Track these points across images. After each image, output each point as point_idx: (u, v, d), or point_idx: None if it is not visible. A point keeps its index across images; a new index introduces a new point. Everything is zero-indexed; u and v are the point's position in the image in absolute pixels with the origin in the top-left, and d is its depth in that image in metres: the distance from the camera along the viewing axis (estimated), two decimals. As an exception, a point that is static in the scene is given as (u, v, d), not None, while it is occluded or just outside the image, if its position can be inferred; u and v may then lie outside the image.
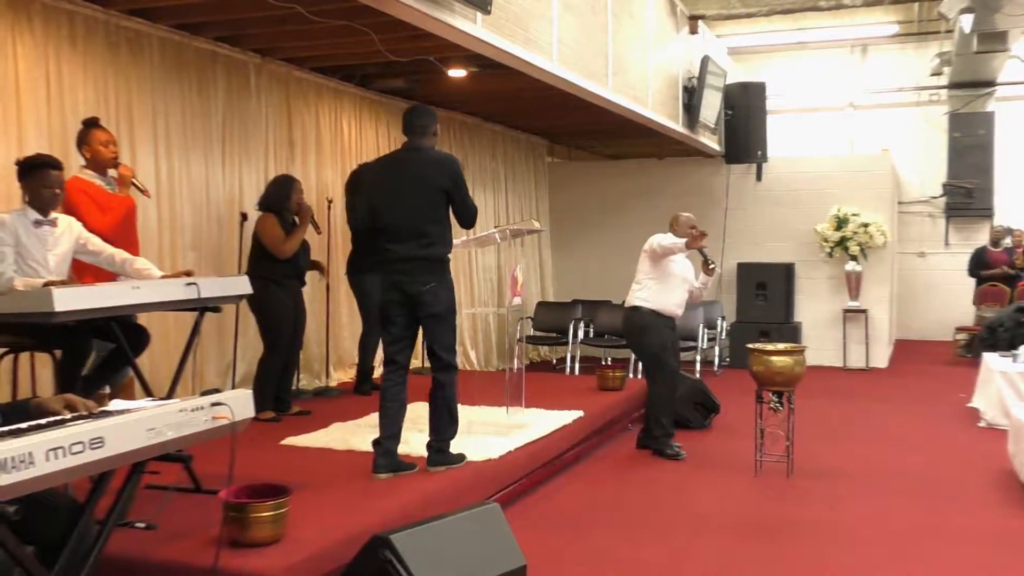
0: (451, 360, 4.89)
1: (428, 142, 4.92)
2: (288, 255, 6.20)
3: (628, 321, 6.59)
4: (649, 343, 6.47)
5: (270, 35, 6.60)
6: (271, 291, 6.04)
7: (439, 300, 4.77)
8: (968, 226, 13.80)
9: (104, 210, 4.81)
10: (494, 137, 10.68)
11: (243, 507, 3.50)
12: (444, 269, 4.85)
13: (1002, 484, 5.73)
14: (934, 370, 11.07)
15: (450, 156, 4.99)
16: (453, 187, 4.80)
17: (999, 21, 9.29)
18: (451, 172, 4.83)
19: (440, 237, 4.80)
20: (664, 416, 6.50)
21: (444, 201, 4.80)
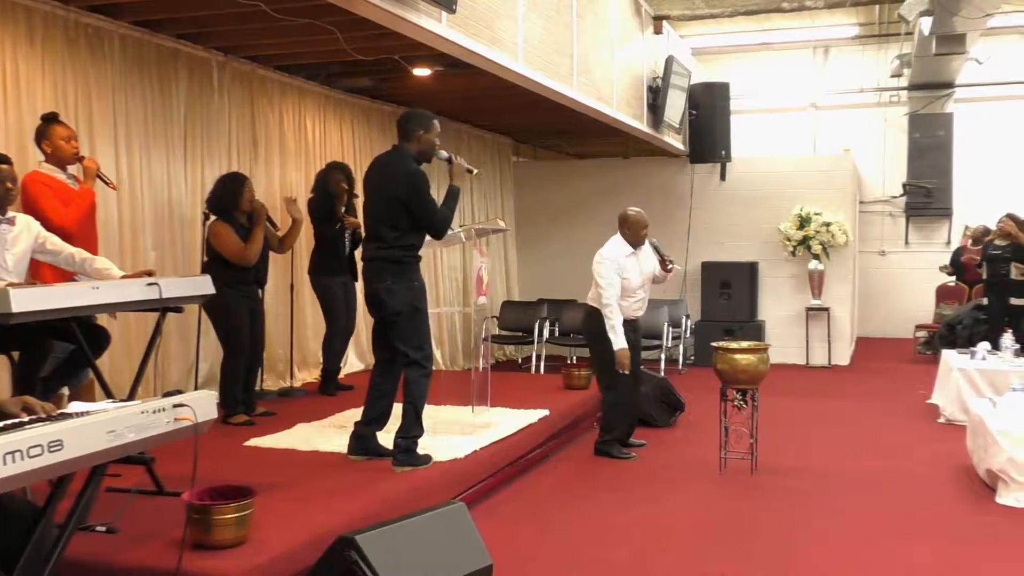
0: (416, 358, 4.90)
1: (411, 145, 4.99)
2: (253, 261, 6.12)
3: (587, 324, 6.38)
4: (606, 350, 6.17)
5: (233, 33, 6.54)
6: (226, 296, 5.91)
7: (396, 299, 4.84)
8: (927, 225, 14.02)
9: (67, 203, 4.74)
10: (459, 136, 10.66)
11: (206, 509, 3.46)
12: (403, 269, 4.88)
13: (961, 479, 5.83)
14: (895, 367, 11.22)
15: (414, 169, 4.93)
16: (409, 199, 4.83)
17: (957, 24, 9.43)
18: (409, 184, 4.84)
19: (397, 240, 4.87)
20: (615, 423, 6.41)
21: (401, 210, 4.85)
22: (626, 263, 6.22)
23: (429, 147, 5.03)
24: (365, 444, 5.04)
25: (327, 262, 7.19)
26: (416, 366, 4.90)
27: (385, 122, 9.11)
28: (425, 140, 5.01)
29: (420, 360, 4.91)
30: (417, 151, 4.99)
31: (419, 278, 4.97)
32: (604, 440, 6.46)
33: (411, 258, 4.94)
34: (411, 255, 4.95)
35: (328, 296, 7.24)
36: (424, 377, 4.93)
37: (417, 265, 5.00)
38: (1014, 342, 7.86)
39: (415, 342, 4.91)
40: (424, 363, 4.93)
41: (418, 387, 4.91)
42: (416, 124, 5.01)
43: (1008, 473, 5.23)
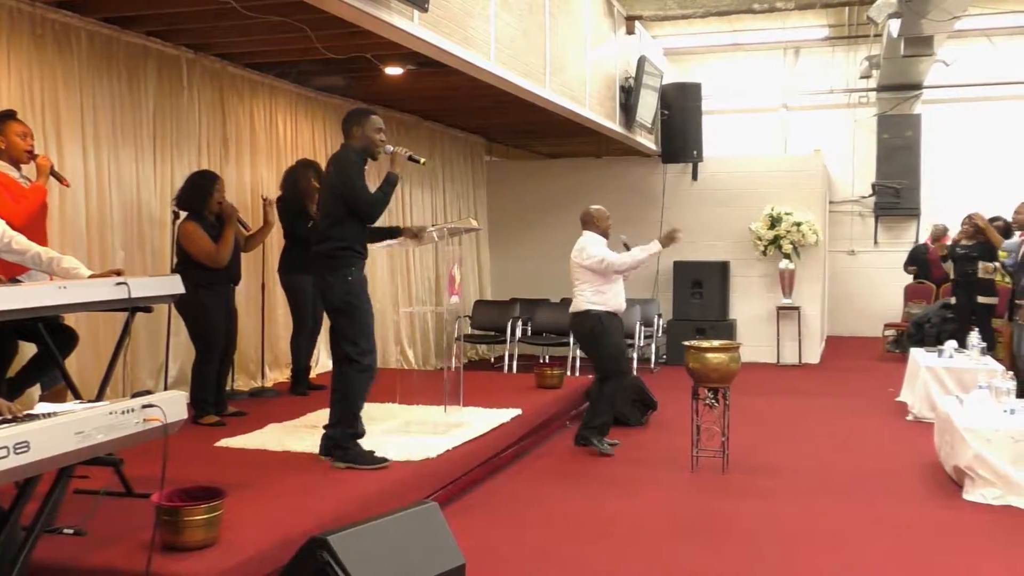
0: (351, 353, 4.86)
1: (352, 142, 5.00)
2: (224, 262, 6.06)
3: (582, 326, 6.52)
4: (608, 346, 6.46)
5: (203, 30, 6.48)
6: (200, 296, 5.87)
7: (330, 294, 4.87)
8: (896, 225, 14.18)
9: (16, 199, 4.66)
10: (432, 135, 10.65)
11: (176, 510, 3.43)
12: (337, 264, 4.86)
13: (929, 476, 5.90)
14: (864, 365, 11.33)
15: (342, 154, 4.98)
16: (339, 183, 4.86)
17: (925, 26, 9.53)
18: (338, 167, 4.90)
19: (330, 231, 4.89)
20: (603, 413, 6.53)
21: (335, 197, 4.89)
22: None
23: (369, 143, 4.99)
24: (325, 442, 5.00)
25: (298, 260, 7.15)
26: (350, 362, 4.86)
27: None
28: (362, 136, 4.98)
29: (354, 356, 4.86)
30: (360, 147, 4.98)
31: (356, 272, 4.89)
32: (589, 427, 6.56)
33: (345, 251, 4.88)
34: (345, 248, 4.88)
35: (297, 295, 7.20)
36: (358, 373, 4.87)
37: (354, 259, 4.91)
38: (980, 340, 7.96)
39: (350, 337, 4.87)
40: (358, 359, 4.86)
41: (350, 383, 4.87)
42: (351, 122, 5.04)
43: (975, 469, 5.30)
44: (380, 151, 5.03)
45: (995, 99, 13.58)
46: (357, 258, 4.94)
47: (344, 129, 5.09)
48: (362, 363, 4.87)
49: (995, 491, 5.23)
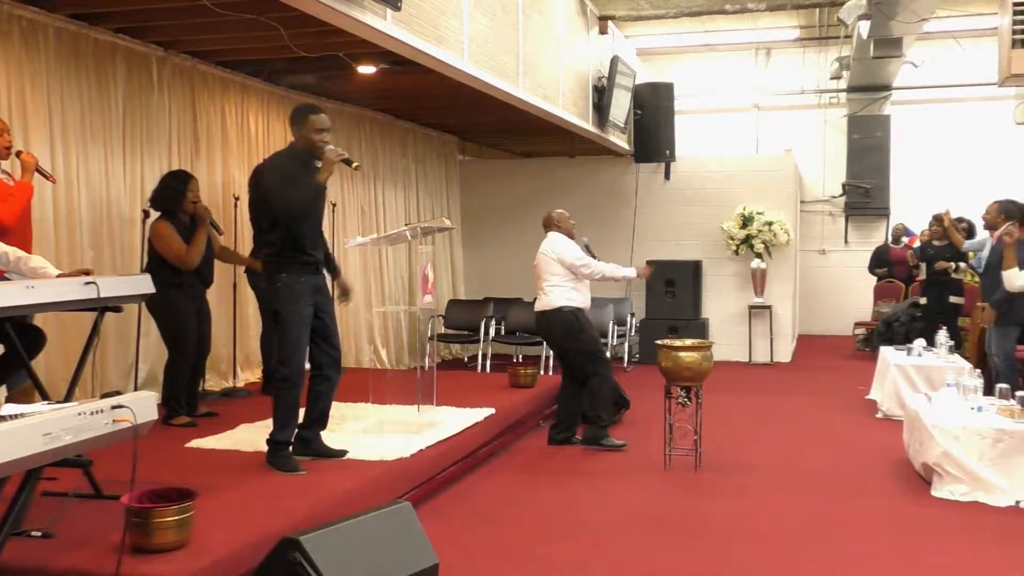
0: (277, 362, 4.83)
1: (296, 142, 4.88)
2: (194, 265, 6.00)
3: (557, 324, 6.57)
4: (588, 340, 6.55)
5: (174, 27, 6.43)
6: (172, 297, 5.83)
7: (263, 302, 4.90)
8: (866, 224, 14.33)
9: (4, 199, 4.62)
10: (405, 134, 10.63)
11: (146, 512, 3.40)
12: (271, 270, 4.76)
13: (898, 473, 5.96)
14: (834, 364, 11.44)
15: (269, 159, 4.89)
16: (266, 186, 4.78)
17: (894, 28, 9.63)
18: (262, 177, 4.84)
19: (267, 240, 4.81)
20: (603, 410, 6.59)
21: (265, 206, 4.81)
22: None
23: (309, 143, 4.79)
24: (306, 446, 4.98)
25: None
26: (279, 368, 4.83)
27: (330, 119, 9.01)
28: (301, 137, 4.82)
29: (279, 367, 4.82)
30: (302, 148, 4.83)
31: (285, 279, 4.72)
32: (597, 428, 6.58)
33: (275, 258, 4.75)
34: (276, 255, 4.75)
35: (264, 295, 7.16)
36: (279, 381, 4.81)
37: (287, 265, 4.73)
38: (948, 339, 8.06)
39: (284, 347, 4.78)
40: (279, 367, 4.81)
41: (279, 395, 4.80)
42: (292, 122, 4.89)
43: (943, 466, 5.36)
44: (322, 151, 4.79)
45: (962, 100, 13.76)
46: (289, 264, 4.74)
47: (290, 129, 4.95)
48: (280, 372, 4.80)
49: (963, 487, 5.30)
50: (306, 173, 4.74)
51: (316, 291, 4.85)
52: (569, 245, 6.59)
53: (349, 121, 9.43)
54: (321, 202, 4.87)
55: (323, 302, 4.90)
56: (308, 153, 4.82)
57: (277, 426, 4.81)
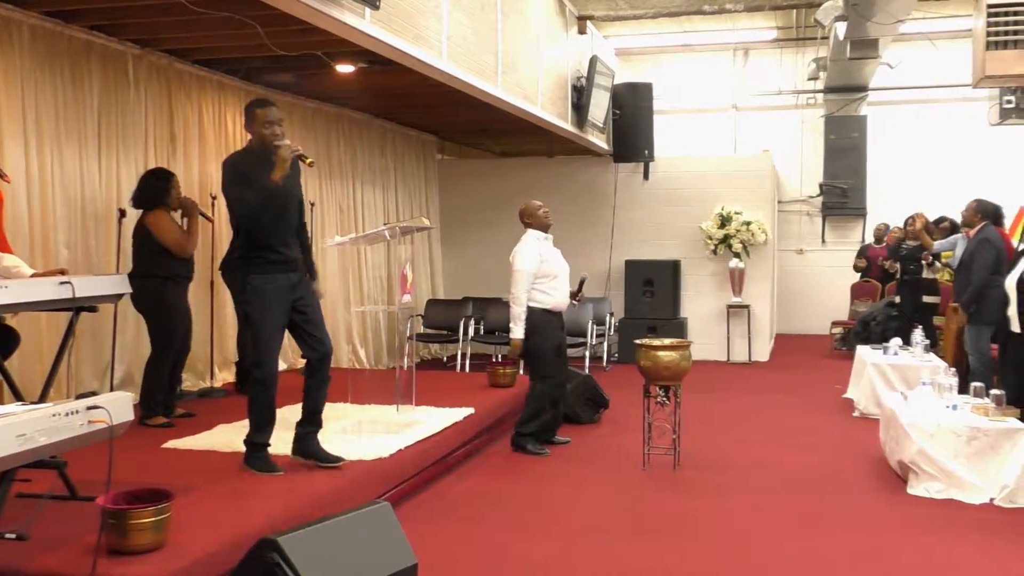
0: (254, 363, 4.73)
1: (252, 139, 4.77)
2: (192, 251, 6.02)
3: None
4: (538, 345, 6.42)
5: (150, 25, 6.38)
6: (168, 290, 5.82)
7: (236, 302, 4.84)
8: (843, 224, 14.43)
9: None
10: (384, 134, 10.60)
11: (122, 513, 3.37)
12: (240, 272, 4.66)
13: (874, 471, 6.01)
14: (812, 363, 11.51)
15: (225, 159, 4.79)
16: (222, 186, 4.70)
17: (870, 29, 9.70)
18: (222, 169, 4.70)
19: (234, 242, 4.74)
20: (535, 417, 6.50)
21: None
22: (544, 249, 6.46)
23: (260, 138, 4.66)
24: (300, 445, 4.90)
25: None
26: (252, 375, 4.77)
27: (308, 118, 9.01)
28: (254, 132, 4.71)
29: (253, 369, 4.75)
30: (257, 145, 4.71)
31: (252, 279, 4.62)
32: (521, 434, 6.53)
33: (241, 259, 4.66)
34: (241, 256, 4.66)
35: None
36: (254, 382, 4.75)
37: (254, 265, 4.62)
38: (924, 338, 8.13)
39: (253, 350, 4.74)
40: (254, 371, 4.72)
41: (252, 396, 4.75)
42: (245, 119, 4.79)
43: (918, 464, 5.41)
44: (275, 145, 4.61)
45: (937, 101, 13.88)
46: (256, 264, 4.63)
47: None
48: (254, 374, 4.74)
49: (938, 485, 5.35)
50: (262, 170, 4.57)
51: (291, 288, 4.71)
52: (526, 257, 6.35)
53: (327, 120, 9.40)
54: (281, 199, 4.64)
55: (302, 297, 4.77)
56: (264, 150, 4.66)
57: (252, 428, 4.76)
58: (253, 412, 4.75)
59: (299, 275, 4.80)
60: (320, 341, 4.83)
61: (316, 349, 4.82)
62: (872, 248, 12.57)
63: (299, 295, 4.76)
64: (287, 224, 4.76)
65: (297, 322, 4.76)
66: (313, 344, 4.82)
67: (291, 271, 4.74)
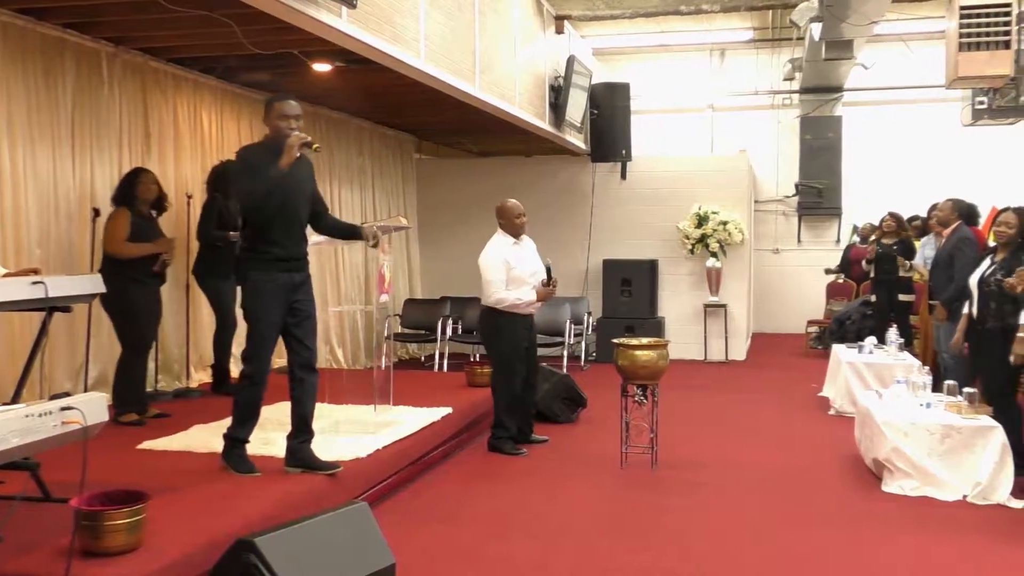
0: (245, 359, 4.73)
1: (268, 133, 4.76)
2: (122, 256, 5.93)
3: (482, 321, 6.57)
4: (499, 346, 6.44)
5: (124, 23, 6.32)
6: (131, 291, 5.79)
7: (241, 301, 4.75)
8: (819, 224, 14.53)
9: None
10: (361, 133, 10.56)
11: (96, 515, 3.34)
12: (243, 270, 4.67)
13: (849, 468, 6.05)
14: (788, 362, 11.58)
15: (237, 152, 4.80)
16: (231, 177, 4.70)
17: (845, 31, 9.78)
18: (234, 161, 4.70)
19: (242, 239, 4.73)
20: (506, 416, 6.49)
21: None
22: (511, 254, 6.40)
23: (276, 131, 4.67)
24: (294, 457, 4.80)
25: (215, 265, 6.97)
26: (244, 364, 4.74)
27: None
28: (270, 126, 4.71)
29: (244, 364, 4.74)
30: (271, 138, 4.70)
31: (253, 276, 4.61)
32: (497, 436, 6.52)
33: (245, 254, 4.67)
34: (245, 251, 4.68)
35: (218, 297, 7.07)
36: (243, 378, 4.73)
37: (257, 262, 4.61)
38: (898, 336, 8.20)
39: (248, 346, 4.70)
40: (245, 367, 4.70)
41: (239, 391, 4.76)
42: (264, 113, 4.81)
43: (893, 462, 5.46)
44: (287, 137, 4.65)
45: (911, 102, 14.01)
46: (259, 261, 4.62)
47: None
48: (244, 369, 4.72)
49: (912, 482, 5.40)
50: (272, 162, 4.56)
51: (292, 290, 4.68)
52: (492, 261, 6.35)
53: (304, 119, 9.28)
54: (286, 192, 4.61)
55: (301, 301, 4.73)
56: (277, 143, 4.64)
57: (235, 422, 4.75)
58: (238, 407, 4.74)
59: (302, 275, 4.77)
60: (307, 348, 4.78)
61: (300, 355, 4.77)
62: (856, 248, 12.66)
63: (298, 297, 4.73)
64: (291, 218, 4.70)
65: (288, 324, 4.72)
66: (299, 350, 4.77)
67: (294, 271, 4.71)
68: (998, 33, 7.91)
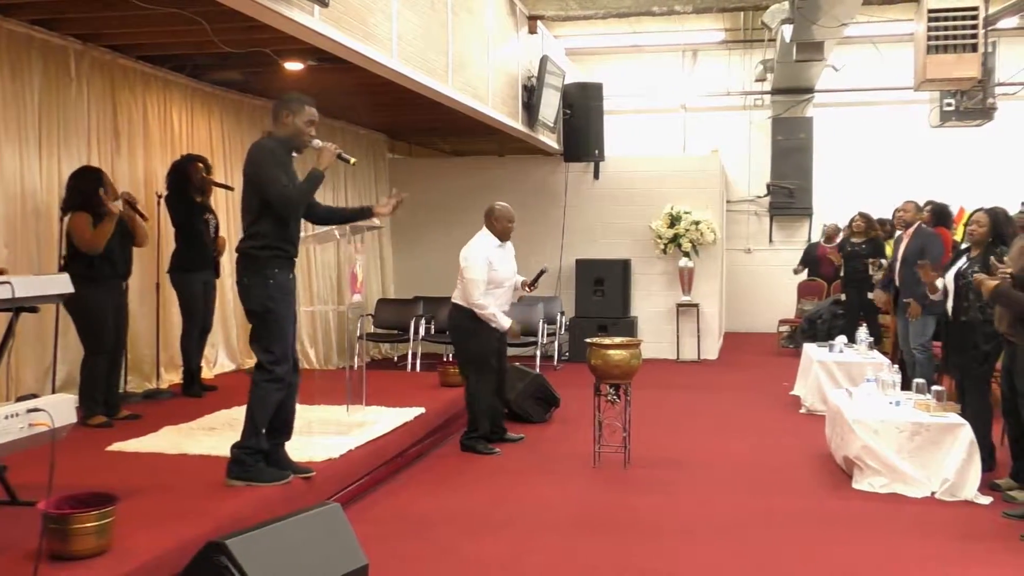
0: (263, 360, 4.53)
1: (278, 129, 4.68)
2: (99, 249, 5.86)
3: (452, 320, 6.59)
4: (472, 347, 6.47)
5: (92, 20, 6.25)
6: (88, 291, 5.70)
7: (250, 296, 4.54)
8: (790, 224, 14.64)
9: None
10: (333, 132, 10.50)
11: (64, 518, 3.30)
12: (258, 265, 4.53)
13: (820, 466, 6.10)
14: (760, 361, 11.66)
15: (257, 143, 4.66)
16: (252, 174, 4.55)
17: (816, 32, 9.85)
18: (250, 158, 4.56)
19: (250, 229, 4.56)
20: (480, 417, 6.51)
21: (250, 190, 4.57)
22: (494, 255, 6.42)
23: (297, 132, 4.65)
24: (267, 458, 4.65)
25: (190, 258, 6.99)
26: (261, 370, 4.53)
27: (256, 116, 8.91)
28: (292, 124, 4.64)
29: (266, 363, 4.51)
30: (285, 136, 4.65)
31: (278, 275, 4.54)
32: (470, 436, 6.53)
33: (266, 251, 4.53)
34: (266, 248, 4.53)
35: (186, 294, 7.04)
36: (267, 383, 4.51)
37: (278, 259, 4.56)
38: (868, 335, 8.28)
39: (264, 343, 4.54)
40: (270, 367, 4.51)
41: (258, 393, 4.52)
42: (284, 108, 4.69)
43: (863, 460, 5.51)
44: (307, 144, 4.70)
45: (880, 103, 14.15)
46: (280, 258, 4.56)
47: (274, 114, 4.72)
48: (273, 372, 4.52)
49: (882, 480, 5.45)
50: (290, 163, 4.62)
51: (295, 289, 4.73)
52: (476, 259, 6.34)
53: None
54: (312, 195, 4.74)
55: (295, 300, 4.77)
56: (295, 143, 4.67)
57: (255, 432, 4.52)
58: (261, 413, 4.53)
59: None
60: (293, 348, 4.74)
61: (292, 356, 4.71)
62: (822, 247, 12.76)
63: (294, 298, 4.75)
64: (299, 217, 4.77)
65: None
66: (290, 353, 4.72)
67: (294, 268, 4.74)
68: (965, 36, 8.00)
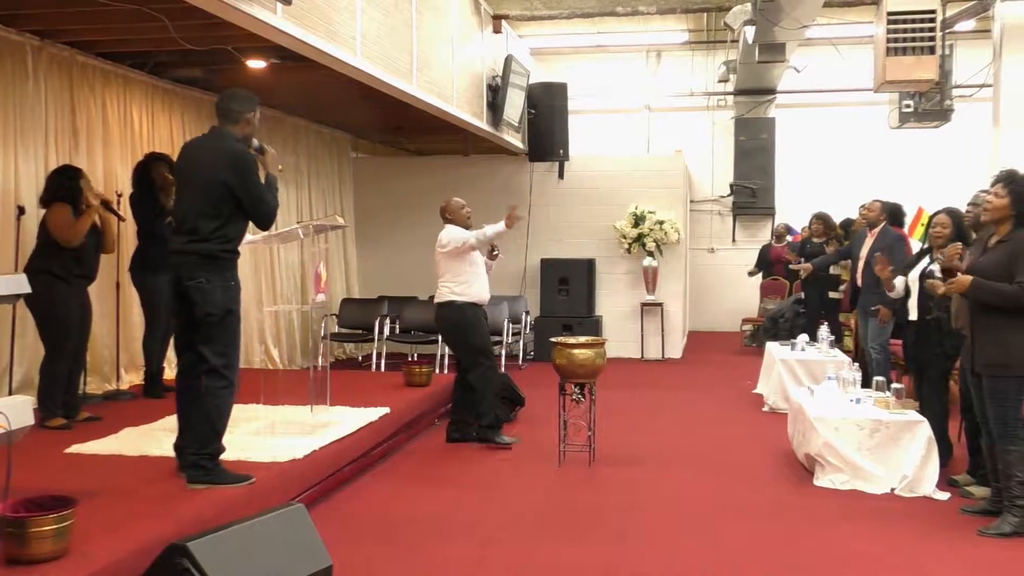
0: (216, 364, 4.43)
1: (236, 129, 4.56)
2: (77, 241, 5.77)
3: (446, 318, 6.62)
4: (474, 338, 6.58)
5: (50, 16, 6.17)
6: (57, 288, 5.63)
7: (208, 299, 4.38)
8: (753, 224, 14.78)
9: None
10: (296, 131, 10.45)
11: (21, 522, 3.25)
12: (219, 266, 4.43)
13: (782, 463, 6.17)
14: (723, 359, 11.75)
15: (242, 150, 4.54)
16: (236, 183, 4.41)
17: (778, 34, 9.96)
18: (236, 166, 4.42)
19: (215, 232, 4.42)
20: (490, 407, 6.60)
21: (225, 195, 4.42)
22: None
23: (252, 133, 4.60)
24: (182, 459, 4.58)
25: (153, 259, 6.90)
26: (215, 375, 4.42)
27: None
28: (248, 126, 4.58)
29: (220, 368, 4.42)
30: (243, 136, 4.57)
31: (236, 277, 4.52)
32: (485, 427, 6.60)
33: (228, 253, 4.48)
34: (229, 250, 4.48)
35: (151, 295, 6.94)
36: (223, 389, 4.44)
37: (235, 262, 4.53)
38: (829, 334, 8.37)
39: (219, 347, 4.44)
40: (224, 372, 4.44)
41: (215, 400, 4.43)
42: (242, 105, 4.57)
43: (824, 457, 5.57)
44: (251, 145, 4.63)
45: (841, 105, 14.32)
46: (234, 260, 4.54)
47: (229, 109, 4.57)
48: (228, 378, 4.48)
49: (842, 476, 5.52)
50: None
51: None
52: (456, 231, 6.58)
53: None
54: None
55: None
56: (247, 142, 4.60)
57: (210, 436, 4.45)
58: (217, 418, 4.45)
59: None
60: None
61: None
62: (774, 247, 12.91)
63: None
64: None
65: None
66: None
67: None
68: (924, 39, 8.10)
